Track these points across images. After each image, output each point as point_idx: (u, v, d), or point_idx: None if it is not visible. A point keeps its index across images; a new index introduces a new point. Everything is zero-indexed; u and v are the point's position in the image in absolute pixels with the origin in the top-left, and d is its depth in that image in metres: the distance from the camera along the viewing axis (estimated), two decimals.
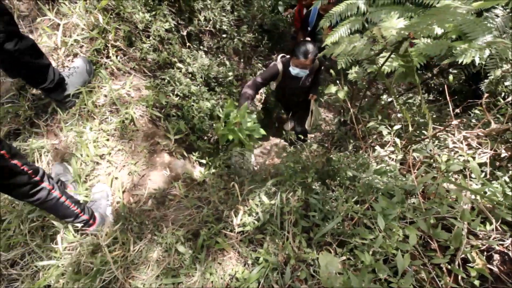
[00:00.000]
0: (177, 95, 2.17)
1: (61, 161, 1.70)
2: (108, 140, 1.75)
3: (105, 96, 1.83)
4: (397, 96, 2.55)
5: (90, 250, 1.41)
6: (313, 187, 1.46)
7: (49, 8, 1.93)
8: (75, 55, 1.97)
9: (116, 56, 2.00)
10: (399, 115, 2.31)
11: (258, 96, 3.54)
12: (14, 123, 1.79)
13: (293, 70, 2.29)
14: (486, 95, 1.60)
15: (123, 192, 1.66)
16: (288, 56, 2.43)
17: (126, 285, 1.28)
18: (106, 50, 1.98)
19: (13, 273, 1.42)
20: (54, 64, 1.96)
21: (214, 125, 2.21)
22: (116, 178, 1.66)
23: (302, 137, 3.07)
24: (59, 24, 1.92)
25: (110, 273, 1.32)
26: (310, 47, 2.18)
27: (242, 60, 3.35)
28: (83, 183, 1.59)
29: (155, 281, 1.25)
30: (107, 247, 1.37)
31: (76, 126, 1.73)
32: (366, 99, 2.47)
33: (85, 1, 1.95)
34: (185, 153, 2.00)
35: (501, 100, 1.96)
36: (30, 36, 1.97)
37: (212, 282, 1.21)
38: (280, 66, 2.43)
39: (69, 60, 1.91)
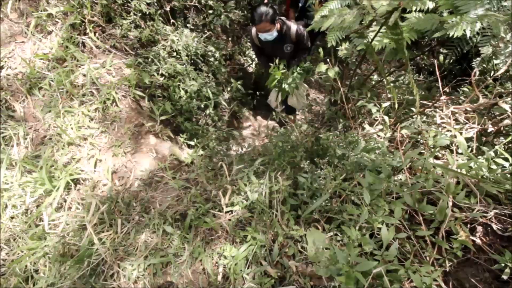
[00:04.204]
0: (162, 75, 2.08)
1: (41, 144, 1.64)
2: (90, 121, 1.68)
3: (84, 75, 1.73)
4: (386, 74, 2.52)
5: (76, 228, 1.39)
6: (302, 165, 1.44)
7: None
8: (49, 32, 1.85)
9: (94, 33, 1.88)
10: (389, 94, 2.29)
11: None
12: None
13: (261, 36, 2.33)
14: (477, 72, 1.58)
15: (113, 173, 1.61)
16: None
17: (115, 267, 1.27)
18: (83, 26, 1.86)
19: None
20: (28, 43, 1.84)
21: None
22: (100, 160, 1.61)
23: (288, 115, 3.07)
24: None
25: (97, 255, 1.30)
26: (262, 9, 2.21)
27: (230, 38, 3.22)
28: (63, 167, 1.53)
29: (143, 261, 1.24)
30: (93, 229, 1.34)
31: (54, 108, 1.64)
32: (356, 78, 2.42)
33: None
34: (171, 135, 1.95)
35: (489, 78, 1.95)
36: None
37: (200, 261, 1.21)
38: (253, 31, 2.50)
39: (42, 37, 1.79)
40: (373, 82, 2.59)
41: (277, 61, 2.56)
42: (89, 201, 1.43)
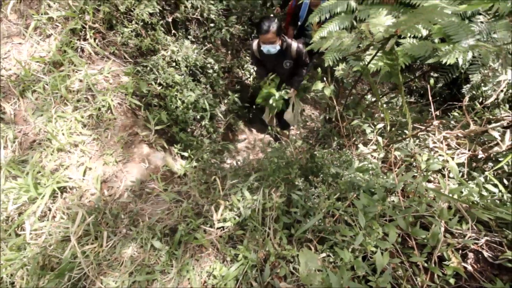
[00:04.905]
0: (159, 84, 2.07)
1: (29, 148, 1.59)
2: (83, 127, 1.64)
3: (80, 81, 1.71)
4: (380, 96, 2.58)
5: (59, 240, 1.33)
6: (296, 183, 1.44)
7: None
8: (48, 36, 1.83)
9: (94, 39, 1.88)
10: (382, 114, 2.34)
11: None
12: None
13: (264, 48, 2.38)
14: (467, 98, 1.64)
15: (102, 183, 1.57)
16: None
17: (97, 283, 1.21)
18: (83, 32, 1.85)
19: None
20: (25, 44, 1.82)
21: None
22: (90, 168, 1.56)
23: (282, 130, 3.12)
24: (32, 1, 1.77)
25: (79, 270, 1.24)
26: (268, 21, 2.29)
27: (229, 52, 3.27)
28: (50, 173, 1.48)
29: (128, 278, 1.19)
30: (78, 241, 1.29)
31: (46, 112, 1.61)
32: (352, 97, 2.47)
33: None
34: (165, 145, 1.92)
35: (478, 104, 2.02)
36: None
37: (188, 279, 1.17)
38: (254, 44, 2.56)
39: (40, 40, 1.77)
40: (367, 102, 2.64)
41: (271, 76, 2.62)
42: (75, 211, 1.38)
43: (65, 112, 1.63)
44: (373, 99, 2.74)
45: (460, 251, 1.13)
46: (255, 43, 2.52)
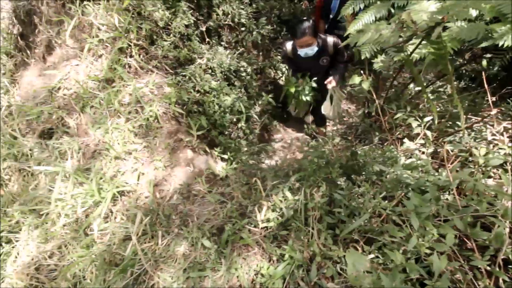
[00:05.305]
0: (198, 91, 2.18)
1: (91, 158, 1.79)
2: (135, 137, 1.80)
3: (130, 94, 1.88)
4: (425, 85, 2.40)
5: (121, 239, 1.48)
6: (338, 182, 1.42)
7: (76, 9, 2.00)
8: (100, 56, 2.03)
9: (139, 55, 2.04)
10: (428, 105, 2.18)
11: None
12: (47, 123, 1.90)
13: (301, 52, 2.33)
14: None
15: (154, 186, 1.71)
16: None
17: (155, 278, 1.33)
18: (129, 49, 2.02)
19: (51, 264, 1.52)
20: (81, 65, 2.04)
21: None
22: (143, 174, 1.71)
23: (319, 123, 3.01)
24: (84, 26, 1.99)
25: (140, 265, 1.37)
26: (304, 24, 2.23)
27: (261, 53, 3.30)
28: (110, 179, 1.65)
29: (182, 274, 1.28)
30: (137, 240, 1.42)
31: (103, 125, 1.79)
32: (393, 89, 2.34)
33: (107, 1, 2.00)
34: (207, 149, 2.03)
35: None
36: (56, 39, 2.06)
37: (237, 277, 1.23)
38: (288, 47, 2.51)
39: (94, 60, 1.98)
40: (411, 93, 2.48)
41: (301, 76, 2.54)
42: (133, 212, 1.53)
43: (119, 124, 1.80)
44: (417, 88, 2.56)
45: None
46: (289, 45, 2.49)
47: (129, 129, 1.78)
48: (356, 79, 2.26)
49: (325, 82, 2.47)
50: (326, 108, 2.77)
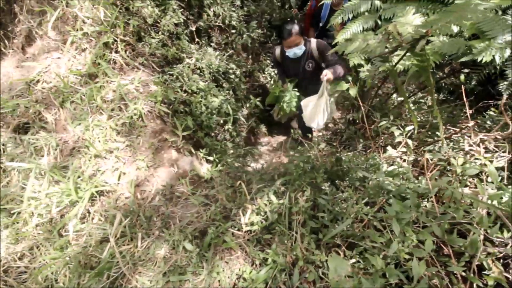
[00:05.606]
0: (185, 91, 2.15)
1: (69, 155, 1.71)
2: (117, 135, 1.74)
3: (114, 91, 1.82)
4: (407, 96, 2.49)
5: (98, 240, 1.42)
6: (322, 187, 1.43)
7: (60, 1, 1.92)
8: (83, 50, 1.96)
9: (125, 51, 1.99)
10: (410, 115, 2.26)
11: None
12: (23, 116, 1.80)
13: (289, 53, 2.34)
14: (505, 96, 1.54)
15: (135, 187, 1.65)
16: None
17: (133, 281, 1.28)
18: (115, 45, 1.97)
19: (21, 266, 1.43)
20: (63, 59, 1.96)
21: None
22: (124, 173, 1.66)
23: (304, 131, 2.99)
24: (68, 18, 1.91)
25: (117, 269, 1.32)
26: (290, 25, 2.25)
27: (250, 56, 3.31)
28: (89, 178, 1.58)
29: (161, 278, 1.24)
30: (115, 242, 1.37)
31: (84, 121, 1.72)
32: (377, 99, 2.41)
33: None
34: (192, 150, 1.99)
35: None
36: (37, 30, 1.97)
37: (219, 281, 1.20)
38: (277, 52, 2.53)
39: (77, 54, 1.90)
40: (394, 103, 2.56)
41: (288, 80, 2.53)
42: (112, 213, 1.47)
43: (100, 121, 1.74)
44: (399, 99, 2.65)
45: (502, 260, 1.07)
46: (277, 49, 2.52)
47: (111, 127, 1.72)
48: (343, 85, 2.31)
49: (321, 76, 2.25)
50: (309, 119, 2.47)
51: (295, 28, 2.24)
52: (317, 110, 2.35)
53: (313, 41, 2.40)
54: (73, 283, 1.34)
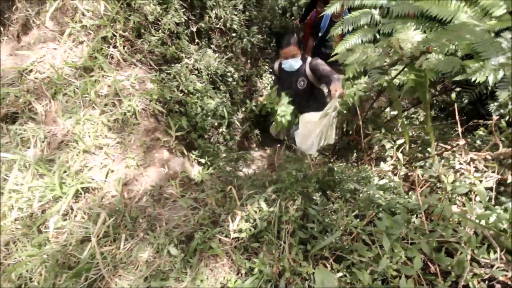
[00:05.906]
0: (181, 91, 2.13)
1: (57, 149, 1.66)
2: (108, 131, 1.70)
3: (109, 86, 1.78)
4: (402, 110, 2.52)
5: (79, 239, 1.36)
6: (313, 197, 1.42)
7: None
8: (81, 42, 1.93)
9: (123, 47, 1.96)
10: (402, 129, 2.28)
11: None
12: (13, 106, 1.74)
13: (285, 64, 2.33)
14: (496, 117, 1.57)
15: (123, 185, 1.61)
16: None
17: (112, 284, 1.23)
18: (113, 40, 1.94)
19: None
20: (59, 50, 1.92)
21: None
22: (112, 171, 1.61)
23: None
24: (67, 10, 1.88)
25: (96, 270, 1.27)
26: (289, 35, 2.27)
27: (249, 60, 3.31)
28: (75, 174, 1.54)
29: (142, 282, 1.20)
30: (97, 242, 1.32)
31: (75, 115, 1.68)
32: (372, 111, 2.43)
33: None
34: (184, 151, 1.96)
35: (504, 123, 1.93)
36: (35, 19, 1.93)
37: None
38: (276, 65, 2.52)
39: (73, 46, 1.87)
40: (387, 116, 2.59)
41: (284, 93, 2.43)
42: (97, 211, 1.42)
43: (92, 115, 1.70)
44: (392, 112, 2.68)
45: (487, 282, 1.07)
46: (276, 64, 2.53)
47: (103, 122, 1.68)
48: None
49: (332, 91, 1.82)
50: (302, 139, 2.17)
51: (294, 38, 2.26)
52: (315, 132, 2.01)
53: (308, 60, 2.35)
54: (48, 283, 1.28)
